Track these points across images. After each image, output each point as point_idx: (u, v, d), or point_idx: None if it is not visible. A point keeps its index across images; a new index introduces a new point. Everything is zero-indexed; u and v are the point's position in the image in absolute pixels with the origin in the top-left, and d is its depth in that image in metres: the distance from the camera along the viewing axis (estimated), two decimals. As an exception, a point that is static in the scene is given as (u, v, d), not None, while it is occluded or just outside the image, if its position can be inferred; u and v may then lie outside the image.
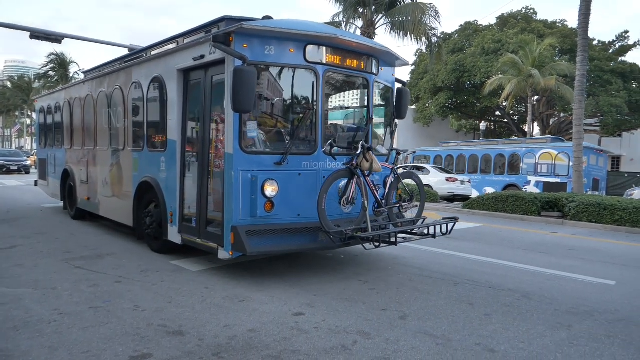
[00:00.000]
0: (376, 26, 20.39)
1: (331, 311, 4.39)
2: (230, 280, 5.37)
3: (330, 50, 5.47)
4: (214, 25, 5.90)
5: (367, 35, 19.16)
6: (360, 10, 20.37)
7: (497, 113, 36.41)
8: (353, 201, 5.42)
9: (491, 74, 28.39)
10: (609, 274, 6.34)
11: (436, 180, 18.33)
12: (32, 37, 15.55)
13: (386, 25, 20.20)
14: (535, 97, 29.45)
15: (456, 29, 35.11)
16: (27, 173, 27.02)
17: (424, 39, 19.68)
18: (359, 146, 5.37)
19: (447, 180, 18.47)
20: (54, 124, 11.19)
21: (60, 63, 46.99)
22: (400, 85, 6.94)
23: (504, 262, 6.85)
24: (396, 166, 6.04)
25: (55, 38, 16.06)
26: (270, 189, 5.06)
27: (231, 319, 4.11)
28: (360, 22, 20.82)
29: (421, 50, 31.74)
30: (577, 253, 7.94)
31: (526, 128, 29.03)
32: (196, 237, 5.76)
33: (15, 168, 26.89)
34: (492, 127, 38.68)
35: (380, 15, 20.42)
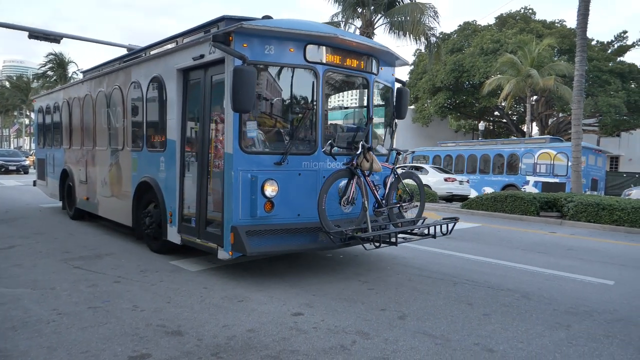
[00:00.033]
0: (375, 26, 20.41)
1: (330, 311, 4.39)
2: (230, 281, 5.37)
3: (330, 50, 5.47)
4: (213, 24, 5.89)
5: (366, 35, 19.16)
6: (359, 10, 20.38)
7: (496, 113, 36.45)
8: (353, 201, 5.42)
9: (490, 74, 28.41)
10: (607, 274, 6.35)
11: (435, 180, 18.34)
12: (31, 37, 15.53)
13: (385, 25, 20.24)
14: (534, 97, 29.48)
15: (455, 29, 35.19)
16: (26, 173, 27.00)
17: (422, 39, 19.72)
18: (359, 146, 5.37)
19: (446, 180, 18.48)
20: (52, 123, 11.16)
21: (59, 63, 46.94)
22: (400, 85, 6.94)
23: (503, 262, 6.85)
24: (396, 166, 6.04)
25: (53, 38, 16.03)
26: (270, 189, 5.05)
27: (230, 319, 4.11)
28: (359, 22, 20.85)
29: (420, 50, 31.87)
30: (576, 253, 7.95)
31: (525, 128, 29.09)
32: (196, 237, 5.75)
33: (13, 168, 26.88)
34: (491, 127, 38.69)
35: (379, 15, 20.44)
